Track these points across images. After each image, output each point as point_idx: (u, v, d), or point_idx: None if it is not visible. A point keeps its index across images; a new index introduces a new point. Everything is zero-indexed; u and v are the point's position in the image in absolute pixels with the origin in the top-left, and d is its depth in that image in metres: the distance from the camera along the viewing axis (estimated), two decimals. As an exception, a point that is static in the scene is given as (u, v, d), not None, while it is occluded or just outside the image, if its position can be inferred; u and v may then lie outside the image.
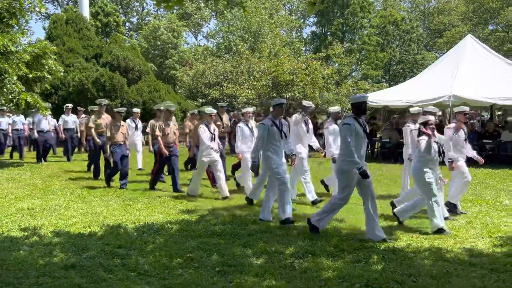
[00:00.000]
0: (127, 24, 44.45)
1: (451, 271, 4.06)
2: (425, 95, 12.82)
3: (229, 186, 8.15)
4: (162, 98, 20.46)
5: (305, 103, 7.74)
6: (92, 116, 9.96)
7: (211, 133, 7.71)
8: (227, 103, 13.50)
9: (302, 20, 46.02)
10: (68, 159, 13.29)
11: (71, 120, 13.40)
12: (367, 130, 5.39)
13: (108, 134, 8.68)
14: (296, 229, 5.57)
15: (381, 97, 14.65)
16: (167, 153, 8.29)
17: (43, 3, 14.13)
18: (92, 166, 10.32)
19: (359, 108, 5.22)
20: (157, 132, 8.38)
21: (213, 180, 8.61)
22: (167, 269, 4.12)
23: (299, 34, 43.92)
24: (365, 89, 19.28)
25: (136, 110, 11.64)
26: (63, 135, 13.28)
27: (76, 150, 14.66)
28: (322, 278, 3.91)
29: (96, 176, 9.89)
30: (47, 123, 12.85)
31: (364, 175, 4.99)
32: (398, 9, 43.14)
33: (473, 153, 6.76)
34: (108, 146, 8.77)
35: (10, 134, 14.00)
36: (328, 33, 39.31)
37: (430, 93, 12.73)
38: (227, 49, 32.68)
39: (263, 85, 17.62)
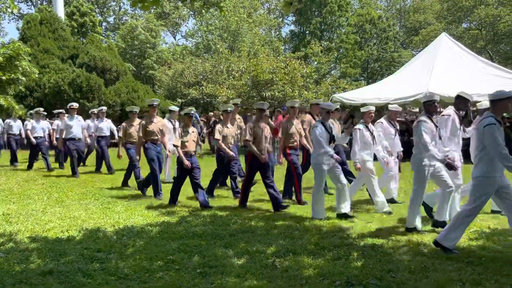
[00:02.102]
0: (104, 24, 43.82)
1: (428, 266, 4.15)
2: (402, 93, 13.04)
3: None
4: (141, 99, 20.27)
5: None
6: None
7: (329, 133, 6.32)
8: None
9: (281, 19, 46.13)
10: (61, 166, 12.18)
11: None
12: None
13: (178, 142, 7.12)
14: (277, 228, 5.60)
15: (359, 95, 14.82)
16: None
17: (16, 3, 13.80)
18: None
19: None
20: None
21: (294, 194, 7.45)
22: (148, 272, 4.08)
23: (278, 33, 44.04)
24: (344, 88, 19.48)
25: (174, 108, 9.95)
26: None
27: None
28: (303, 277, 3.94)
29: (156, 193, 7.84)
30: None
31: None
32: (375, 7, 43.69)
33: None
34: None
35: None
36: (307, 32, 39.53)
37: (407, 91, 12.95)
38: (206, 48, 32.56)
39: (243, 84, 17.63)
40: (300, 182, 7.30)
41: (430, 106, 5.48)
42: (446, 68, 13.31)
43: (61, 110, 12.33)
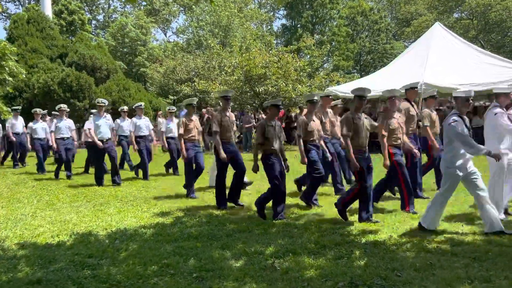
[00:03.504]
0: (93, 22, 43.32)
1: (434, 263, 3.99)
2: (396, 84, 12.83)
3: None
4: (132, 97, 19.99)
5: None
6: (183, 119, 7.62)
7: None
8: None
9: (272, 13, 45.87)
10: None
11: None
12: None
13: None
14: (275, 227, 5.42)
15: (353, 88, 14.65)
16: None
17: (3, 3, 13.46)
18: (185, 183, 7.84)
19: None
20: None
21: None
22: (141, 278, 3.89)
23: (269, 27, 43.77)
24: (337, 81, 19.31)
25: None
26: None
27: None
28: (305, 278, 3.77)
29: (221, 204, 6.77)
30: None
31: None
32: (366, -1, 43.53)
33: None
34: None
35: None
36: (298, 26, 39.27)
37: (402, 82, 12.74)
38: (197, 44, 32.25)
39: (236, 79, 17.38)
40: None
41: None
42: (441, 58, 13.20)
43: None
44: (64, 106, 10.89)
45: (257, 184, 8.15)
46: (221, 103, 6.92)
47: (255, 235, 5.08)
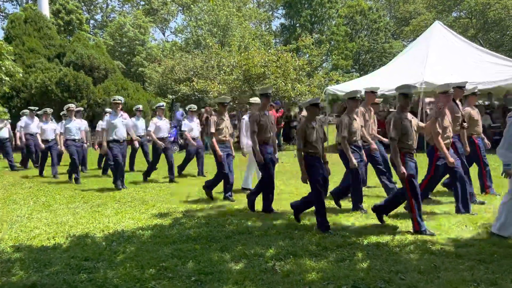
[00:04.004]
0: (91, 21, 43.15)
1: (438, 265, 3.90)
2: (396, 83, 12.73)
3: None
4: (131, 97, 19.88)
5: None
6: (213, 116, 7.33)
7: None
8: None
9: (271, 12, 45.78)
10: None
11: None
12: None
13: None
14: (275, 228, 5.32)
15: (353, 87, 14.54)
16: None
17: (1, 3, 13.36)
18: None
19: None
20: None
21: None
22: (139, 282, 3.79)
23: (268, 26, 43.67)
24: (337, 80, 19.23)
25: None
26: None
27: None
28: (306, 282, 3.67)
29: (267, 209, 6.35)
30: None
31: None
32: (365, -2, 43.44)
33: None
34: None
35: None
36: (297, 25, 39.18)
37: (402, 81, 12.63)
38: (196, 44, 32.11)
39: (235, 79, 17.29)
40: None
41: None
42: (441, 57, 13.10)
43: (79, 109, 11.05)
44: (72, 106, 10.14)
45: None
46: (259, 101, 6.48)
47: (254, 237, 4.98)
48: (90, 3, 42.98)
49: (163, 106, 9.90)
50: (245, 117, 7.70)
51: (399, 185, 6.02)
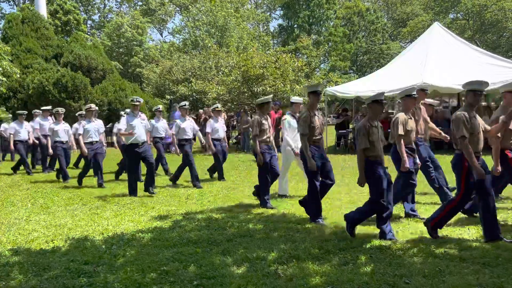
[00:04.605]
0: (89, 22, 43.02)
1: (443, 269, 3.86)
2: (396, 84, 12.77)
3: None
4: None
5: None
6: (256, 117, 6.88)
7: None
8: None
9: (268, 13, 45.76)
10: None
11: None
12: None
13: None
14: (277, 231, 5.27)
15: (352, 88, 14.55)
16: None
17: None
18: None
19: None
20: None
21: None
22: (140, 286, 3.73)
23: (265, 27, 43.65)
24: (336, 81, 19.22)
25: (298, 99, 7.58)
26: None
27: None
28: (310, 286, 3.62)
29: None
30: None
31: None
32: (363, -1, 43.55)
33: None
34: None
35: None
36: (295, 26, 39.20)
37: (401, 82, 12.68)
38: (193, 44, 32.05)
39: (233, 80, 17.25)
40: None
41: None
42: (440, 58, 13.10)
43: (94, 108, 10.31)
44: (94, 106, 9.64)
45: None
46: (309, 99, 5.79)
47: (256, 240, 4.93)
48: (87, 3, 42.84)
49: (185, 105, 9.46)
50: (286, 116, 7.09)
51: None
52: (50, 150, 10.07)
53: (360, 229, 5.25)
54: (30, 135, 11.77)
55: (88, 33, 38.02)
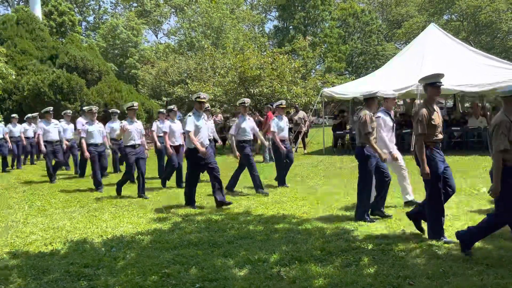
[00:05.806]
0: (84, 23, 42.81)
1: (447, 270, 3.84)
2: (393, 85, 12.75)
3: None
4: (125, 99, 19.69)
5: None
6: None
7: None
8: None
9: (264, 14, 45.77)
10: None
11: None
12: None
13: None
14: (277, 232, 5.24)
15: (349, 89, 14.54)
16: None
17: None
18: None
19: None
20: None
21: None
22: (142, 290, 3.70)
23: (261, 29, 43.64)
24: (332, 82, 19.23)
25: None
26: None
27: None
28: (314, 288, 3.60)
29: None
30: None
31: None
32: (358, 1, 43.62)
33: None
34: None
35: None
36: (290, 27, 39.23)
37: (398, 83, 12.70)
38: (189, 46, 31.97)
39: (230, 81, 17.21)
40: None
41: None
42: (437, 59, 13.11)
43: (116, 110, 10.49)
44: (95, 108, 9.38)
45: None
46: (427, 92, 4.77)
47: (257, 242, 4.90)
48: (82, 4, 42.65)
49: (174, 108, 9.47)
50: (380, 114, 6.15)
51: None
52: (86, 153, 9.03)
53: (360, 229, 5.24)
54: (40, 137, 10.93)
55: (83, 35, 37.85)
